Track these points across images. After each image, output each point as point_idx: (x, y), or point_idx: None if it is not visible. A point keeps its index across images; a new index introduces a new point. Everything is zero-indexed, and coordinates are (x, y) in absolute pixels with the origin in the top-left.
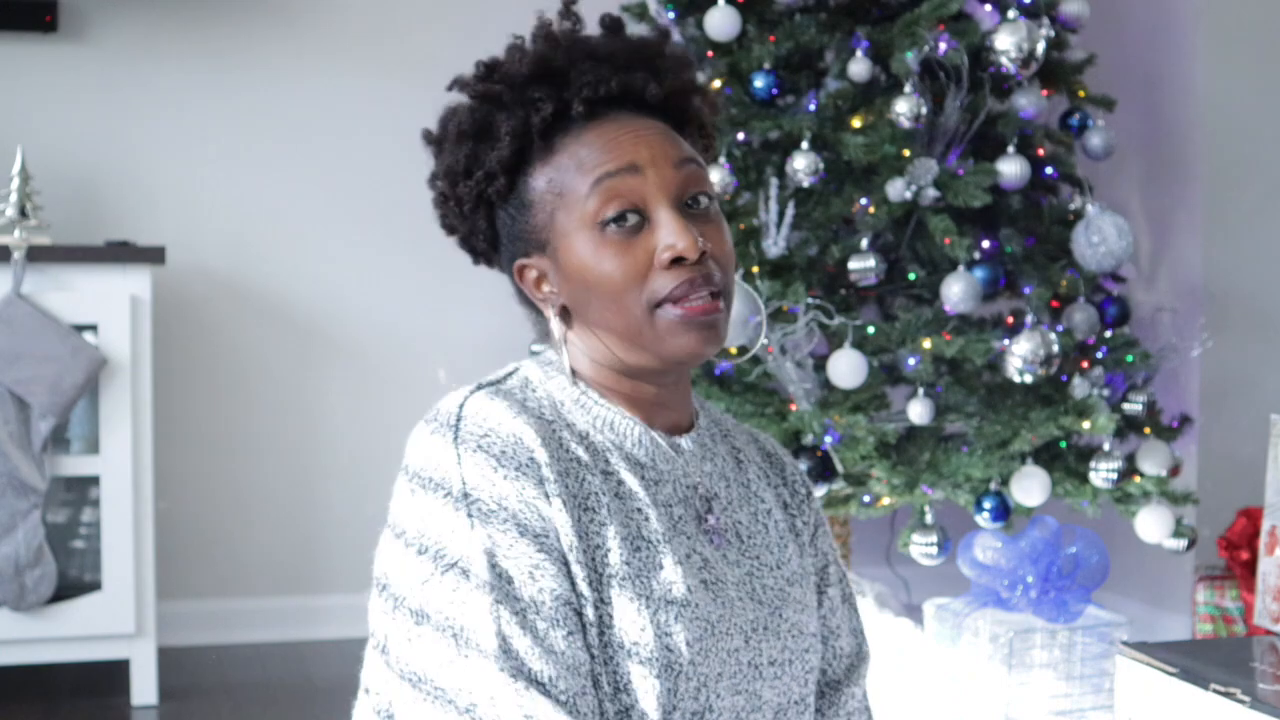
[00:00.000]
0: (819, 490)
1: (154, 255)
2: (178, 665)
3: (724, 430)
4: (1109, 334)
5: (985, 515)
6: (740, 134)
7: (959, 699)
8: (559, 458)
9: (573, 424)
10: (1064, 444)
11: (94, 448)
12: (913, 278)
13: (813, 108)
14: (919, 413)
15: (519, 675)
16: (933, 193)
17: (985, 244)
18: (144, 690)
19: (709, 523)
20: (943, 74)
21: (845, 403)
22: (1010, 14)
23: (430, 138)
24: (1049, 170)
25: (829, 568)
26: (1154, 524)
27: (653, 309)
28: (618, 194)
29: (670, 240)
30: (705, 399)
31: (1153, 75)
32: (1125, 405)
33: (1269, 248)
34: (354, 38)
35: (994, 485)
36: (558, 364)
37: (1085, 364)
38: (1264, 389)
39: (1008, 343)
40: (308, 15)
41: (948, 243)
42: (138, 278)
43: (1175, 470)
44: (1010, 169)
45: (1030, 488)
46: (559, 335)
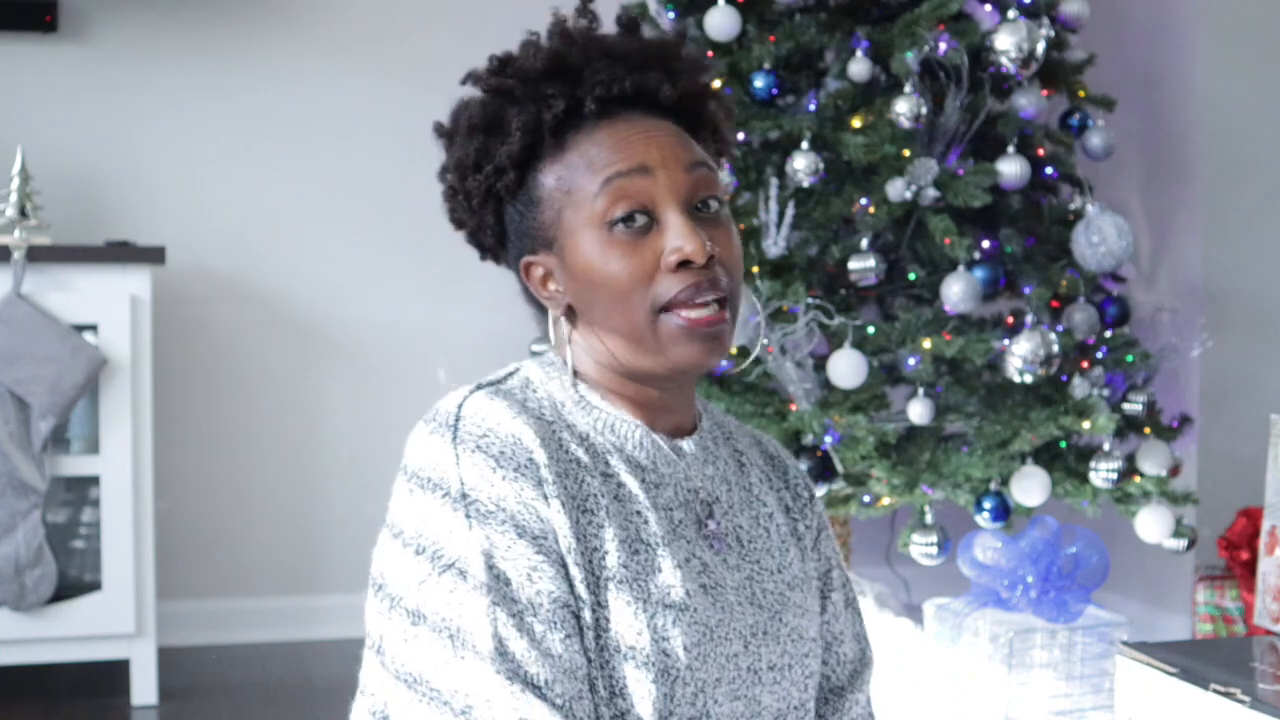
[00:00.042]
0: (819, 490)
1: (154, 255)
2: (178, 665)
3: (726, 432)
4: (1109, 334)
5: (985, 515)
6: (740, 134)
7: (959, 699)
8: (558, 459)
9: (573, 425)
10: (1064, 444)
11: (94, 448)
12: (913, 278)
13: (813, 108)
14: (919, 413)
15: (515, 678)
16: (933, 193)
17: (985, 244)
18: (144, 690)
19: (709, 528)
20: (943, 74)
21: (845, 403)
22: (1010, 14)
23: (441, 130)
24: (1049, 170)
25: (832, 572)
26: (1154, 524)
27: (657, 313)
28: (627, 194)
29: (678, 243)
30: (707, 400)
31: (1153, 75)
32: (1125, 405)
33: (1269, 248)
34: (354, 38)
35: (994, 485)
36: (559, 364)
37: (1085, 364)
38: (1264, 389)
39: (1008, 343)
40: (308, 15)
41: (948, 243)
42: (138, 278)
43: (1175, 470)
44: (1010, 169)
45: (1030, 488)
46: (563, 335)
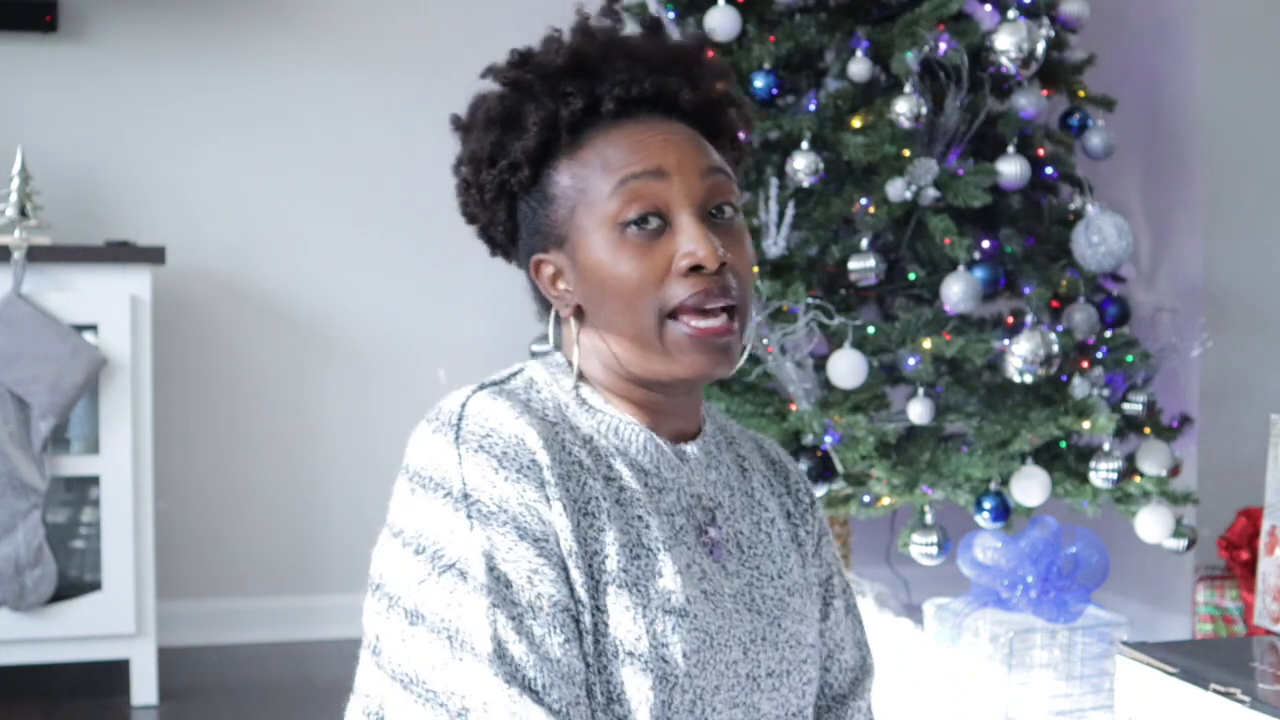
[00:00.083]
0: (819, 490)
1: (154, 255)
2: (178, 665)
3: (729, 437)
4: (1109, 334)
5: (985, 515)
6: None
7: (959, 699)
8: (561, 460)
9: (576, 427)
10: (1064, 444)
11: (94, 448)
12: (913, 278)
13: (813, 108)
14: (919, 413)
15: (513, 681)
16: (933, 193)
17: (985, 244)
18: (144, 690)
19: (709, 535)
20: (943, 74)
21: (845, 403)
22: (1010, 14)
23: (458, 123)
24: (1049, 170)
25: (833, 578)
26: (1154, 524)
27: (665, 318)
28: (641, 196)
29: (690, 247)
30: (708, 401)
31: (1153, 75)
32: (1125, 405)
33: (1269, 248)
34: (354, 38)
35: (994, 485)
36: (564, 365)
37: (1085, 364)
38: (1264, 389)
39: (1008, 343)
40: (308, 15)
41: (948, 243)
42: (138, 278)
43: (1175, 470)
44: (1010, 169)
45: (1030, 488)
46: (570, 335)
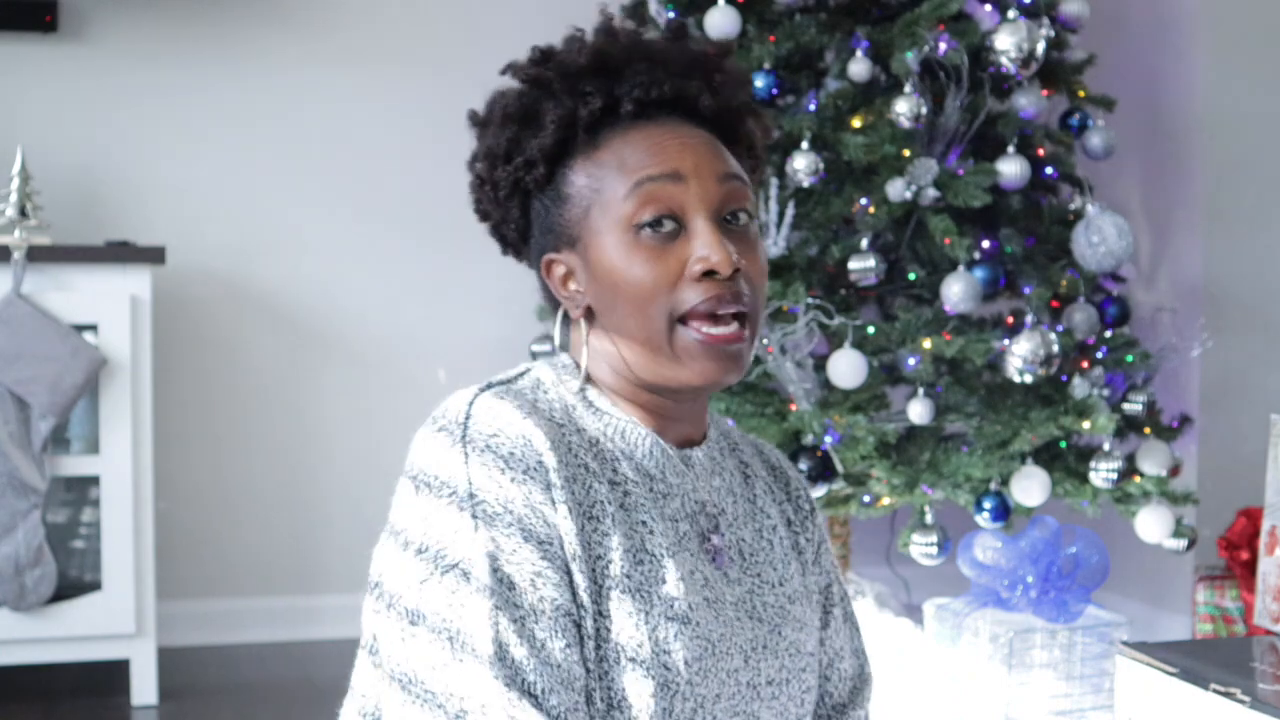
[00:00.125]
0: (819, 490)
1: (154, 255)
2: (178, 665)
3: (732, 443)
4: (1109, 334)
5: (985, 515)
6: None
7: (959, 699)
8: (567, 463)
9: (583, 429)
10: (1064, 444)
11: (94, 448)
12: (913, 278)
13: (813, 108)
14: (919, 413)
15: (512, 685)
16: (933, 193)
17: (985, 244)
18: (144, 690)
19: (712, 542)
20: (943, 74)
21: (845, 403)
22: (1010, 14)
23: (475, 119)
24: (1049, 170)
25: (832, 586)
26: (1154, 524)
27: (675, 323)
28: (657, 199)
29: (704, 252)
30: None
31: (1153, 75)
32: (1125, 405)
33: (1269, 248)
34: (355, 38)
35: (994, 485)
36: (571, 367)
37: (1085, 364)
38: (1264, 389)
39: (1008, 343)
40: (309, 16)
41: (948, 243)
42: (138, 278)
43: (1175, 470)
44: (1010, 169)
45: (1030, 488)
46: (580, 336)
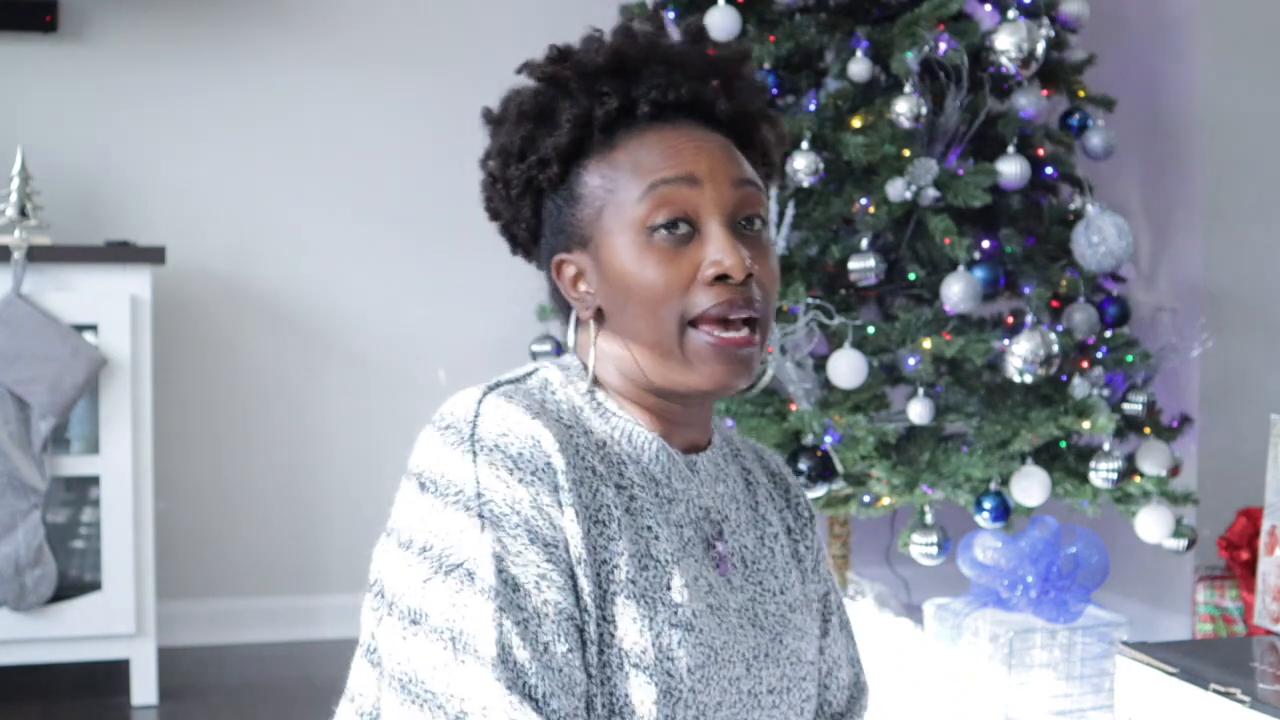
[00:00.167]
0: (819, 490)
1: (154, 255)
2: (178, 665)
3: (734, 449)
4: (1109, 334)
5: (985, 515)
6: None
7: (959, 699)
8: (575, 465)
9: (590, 431)
10: (1064, 444)
11: (94, 448)
12: (913, 278)
13: (813, 108)
14: (919, 413)
15: (514, 688)
16: (933, 193)
17: (985, 244)
18: (144, 690)
19: (717, 549)
20: (943, 74)
21: (845, 403)
22: (1010, 14)
23: (489, 116)
24: (1049, 170)
25: (829, 594)
26: (1154, 524)
27: (686, 326)
28: (671, 202)
29: (718, 256)
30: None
31: (1153, 75)
32: (1125, 405)
33: (1269, 248)
34: (355, 39)
35: (994, 485)
36: (578, 368)
37: (1085, 364)
38: (1264, 389)
39: (1008, 343)
40: (309, 16)
41: (948, 243)
42: (138, 278)
43: (1175, 470)
44: (1010, 169)
45: (1030, 488)
46: (588, 338)
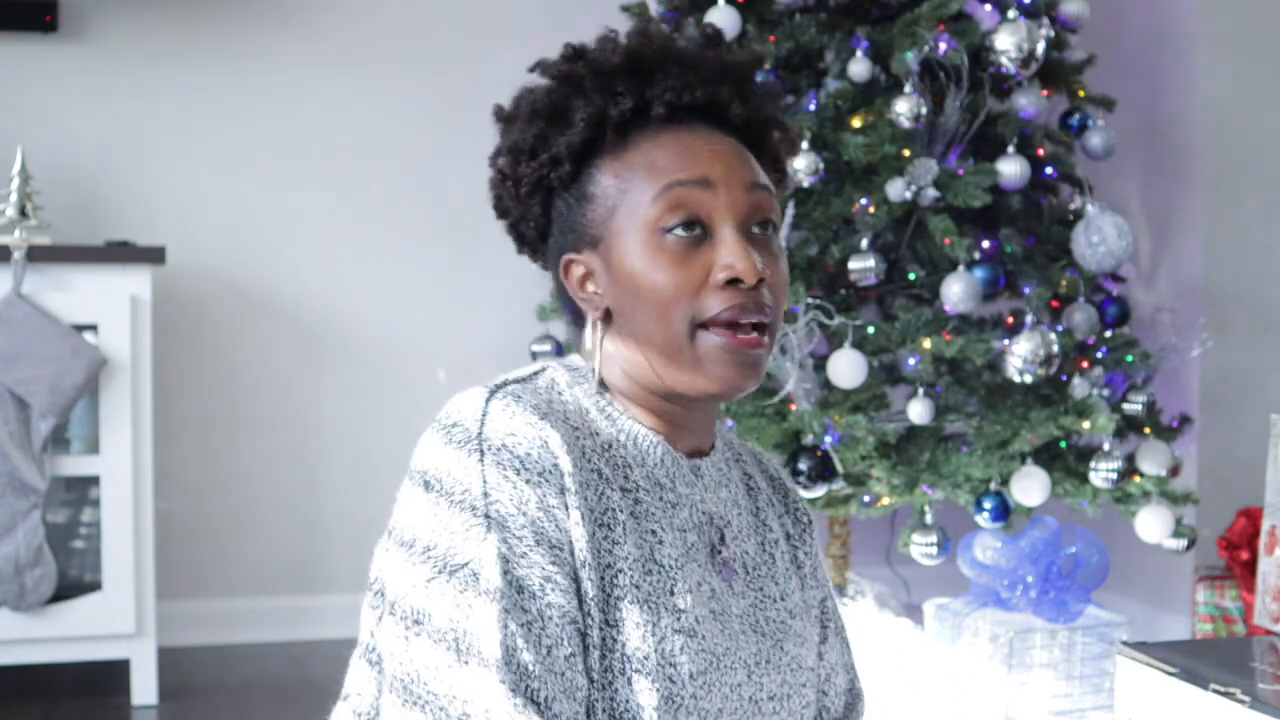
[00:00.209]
0: (819, 490)
1: (154, 255)
2: (178, 665)
3: (735, 454)
4: (1109, 334)
5: (985, 515)
6: None
7: (959, 699)
8: (581, 468)
9: (596, 433)
10: (1064, 444)
11: (94, 448)
12: (913, 278)
13: (813, 108)
14: (919, 413)
15: (518, 691)
16: (933, 193)
17: (985, 244)
18: (144, 690)
19: (721, 554)
20: (943, 74)
21: (845, 403)
22: (1010, 14)
23: (501, 114)
24: (1049, 170)
25: (827, 601)
26: (1154, 524)
27: (696, 329)
28: (685, 204)
29: (730, 260)
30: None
31: (1153, 75)
32: (1125, 405)
33: (1269, 248)
34: (355, 38)
35: (994, 485)
36: (584, 370)
37: (1085, 364)
38: (1264, 389)
39: (1008, 343)
40: (308, 15)
41: (948, 243)
42: (138, 278)
43: (1175, 470)
44: (1010, 169)
45: (1030, 488)
46: (596, 339)
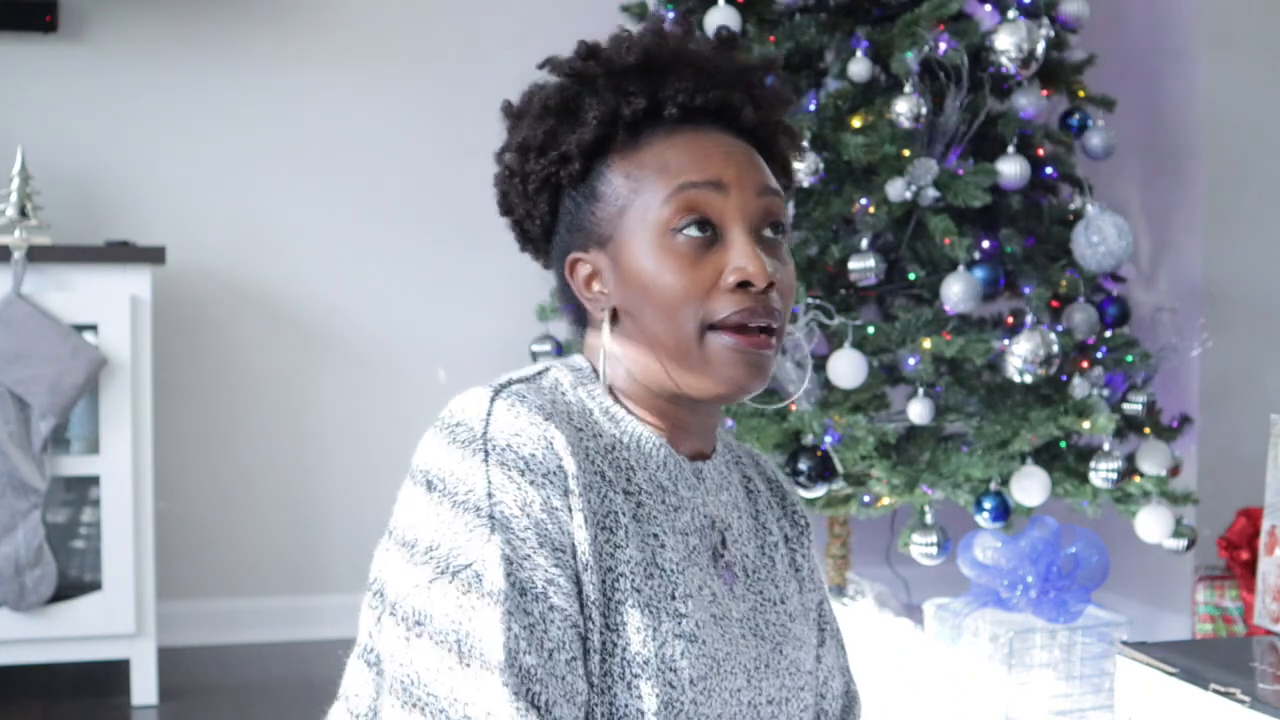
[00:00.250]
0: (819, 490)
1: (154, 255)
2: (178, 665)
3: (735, 456)
4: (1109, 334)
5: (985, 515)
6: None
7: (959, 699)
8: (585, 470)
9: (599, 434)
10: (1064, 444)
11: (94, 448)
12: (913, 278)
13: (813, 108)
14: (919, 413)
15: (520, 694)
16: (933, 193)
17: (985, 244)
18: (144, 690)
19: (725, 559)
20: (943, 74)
21: (845, 403)
22: (1010, 14)
23: (509, 110)
24: (1049, 170)
25: (824, 604)
26: (1154, 524)
27: (705, 330)
28: (697, 206)
29: (741, 263)
30: None
31: (1153, 75)
32: (1125, 405)
33: (1269, 248)
34: (355, 39)
35: (994, 485)
36: (588, 371)
37: (1085, 364)
38: (1264, 389)
39: (1008, 343)
40: (308, 15)
41: (948, 243)
42: (138, 278)
43: (1175, 470)
44: (1010, 169)
45: (1030, 488)
46: (601, 339)
